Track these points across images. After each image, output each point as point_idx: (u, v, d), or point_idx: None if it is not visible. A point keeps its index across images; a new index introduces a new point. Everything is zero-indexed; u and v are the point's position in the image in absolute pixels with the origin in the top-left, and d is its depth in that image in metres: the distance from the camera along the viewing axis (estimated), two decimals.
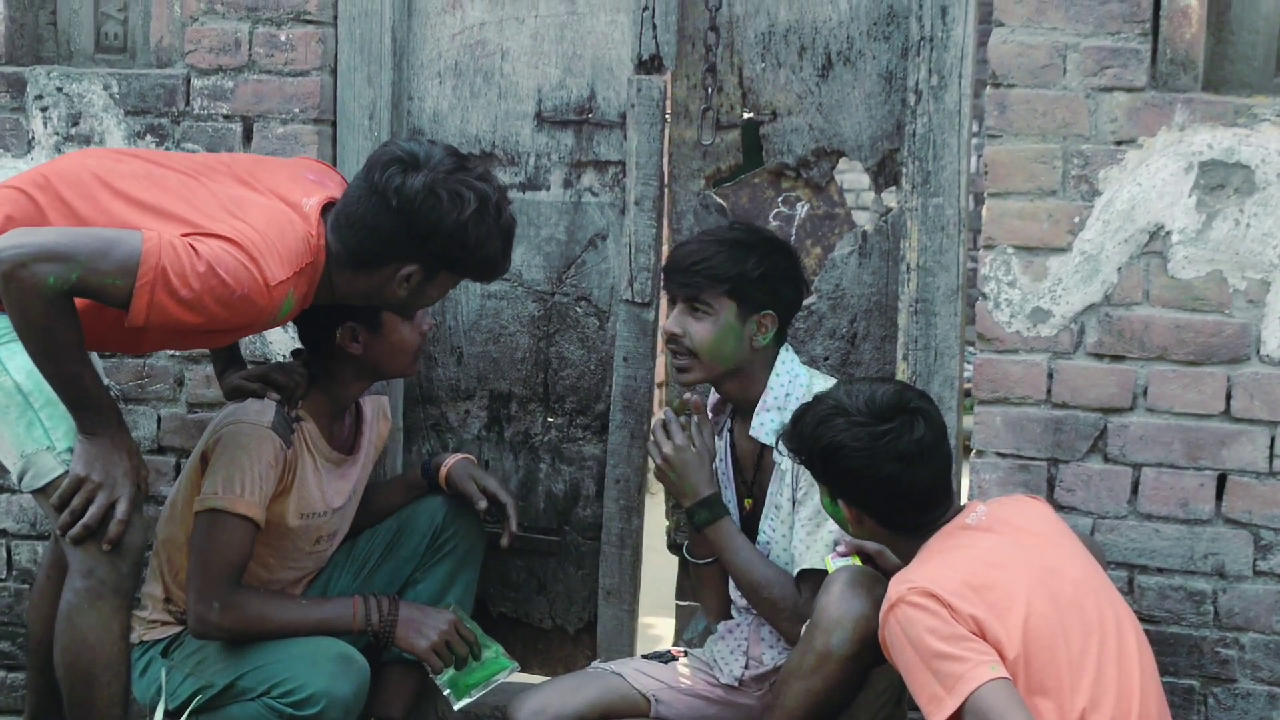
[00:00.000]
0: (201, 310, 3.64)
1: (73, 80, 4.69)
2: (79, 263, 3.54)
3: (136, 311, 3.59)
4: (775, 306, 4.23)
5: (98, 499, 3.72)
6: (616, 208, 4.71)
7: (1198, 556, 4.20)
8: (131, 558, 3.78)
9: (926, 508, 3.73)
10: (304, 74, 4.60)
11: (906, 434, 3.66)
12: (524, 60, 4.73)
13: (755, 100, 4.65)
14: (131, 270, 3.56)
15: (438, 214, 3.84)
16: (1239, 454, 4.16)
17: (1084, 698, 3.44)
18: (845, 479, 3.73)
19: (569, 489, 4.83)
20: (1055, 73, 4.18)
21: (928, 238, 4.37)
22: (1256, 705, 4.20)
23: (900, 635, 3.50)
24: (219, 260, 3.63)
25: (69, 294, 3.56)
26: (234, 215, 3.75)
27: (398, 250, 3.89)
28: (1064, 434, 4.24)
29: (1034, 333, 4.23)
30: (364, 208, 3.87)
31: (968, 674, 3.38)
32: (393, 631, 4.26)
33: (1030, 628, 3.46)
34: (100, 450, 3.74)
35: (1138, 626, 3.66)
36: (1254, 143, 4.09)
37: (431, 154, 3.89)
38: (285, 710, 4.10)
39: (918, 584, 3.49)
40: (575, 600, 4.86)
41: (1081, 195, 4.19)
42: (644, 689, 4.30)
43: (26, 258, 3.53)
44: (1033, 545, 3.64)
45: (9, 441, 3.78)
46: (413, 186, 3.82)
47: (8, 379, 3.75)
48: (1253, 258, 4.11)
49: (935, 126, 4.36)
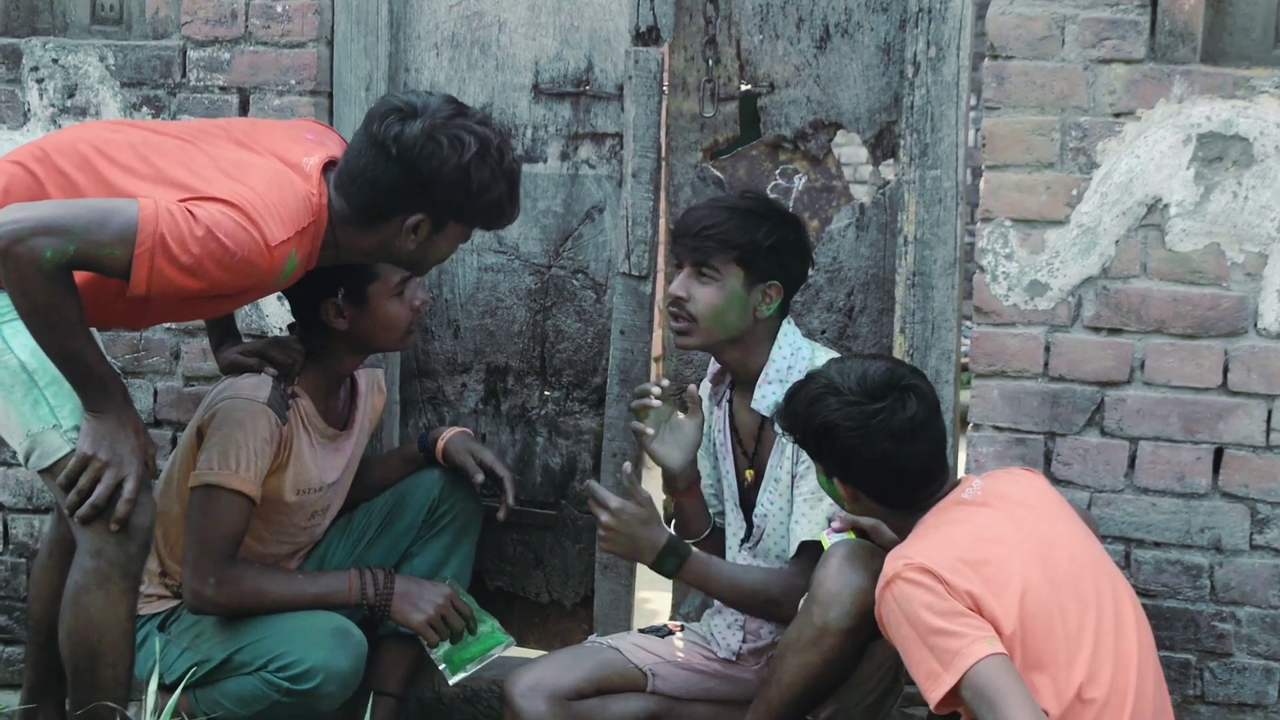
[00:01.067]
0: (202, 275, 3.61)
1: (69, 52, 4.68)
2: (75, 234, 3.51)
3: (137, 280, 3.56)
4: (782, 278, 4.19)
5: (105, 477, 3.68)
6: (614, 180, 4.70)
7: (1194, 530, 4.21)
8: (140, 538, 3.74)
9: (922, 484, 3.72)
10: (300, 45, 4.59)
11: (899, 412, 3.64)
12: (521, 32, 4.72)
13: (753, 72, 4.64)
14: (129, 239, 3.53)
15: (439, 159, 3.79)
16: (1236, 427, 4.16)
17: (1081, 672, 3.43)
18: (839, 458, 3.71)
19: (566, 462, 4.83)
20: (1053, 44, 4.17)
21: (925, 210, 4.37)
22: (1253, 680, 4.20)
23: (896, 611, 3.49)
24: (217, 224, 3.60)
25: (67, 267, 3.53)
26: (231, 177, 3.72)
27: (402, 201, 3.85)
28: (1061, 407, 4.24)
29: (1031, 306, 4.22)
30: (365, 160, 3.83)
31: (964, 650, 3.37)
32: (389, 604, 4.26)
33: (1026, 603, 3.45)
34: (107, 428, 3.70)
35: (1135, 601, 3.65)
36: (1252, 115, 4.09)
37: (429, 103, 3.84)
38: (282, 684, 4.10)
39: (914, 560, 3.48)
40: (572, 574, 4.86)
41: (1079, 168, 4.18)
42: (641, 663, 4.29)
43: (23, 233, 3.50)
44: (1028, 520, 3.63)
45: (15, 421, 3.75)
46: (411, 133, 3.78)
47: (12, 357, 3.72)
48: (1250, 230, 4.10)
49: (933, 98, 4.35)
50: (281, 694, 4.11)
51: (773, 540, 4.24)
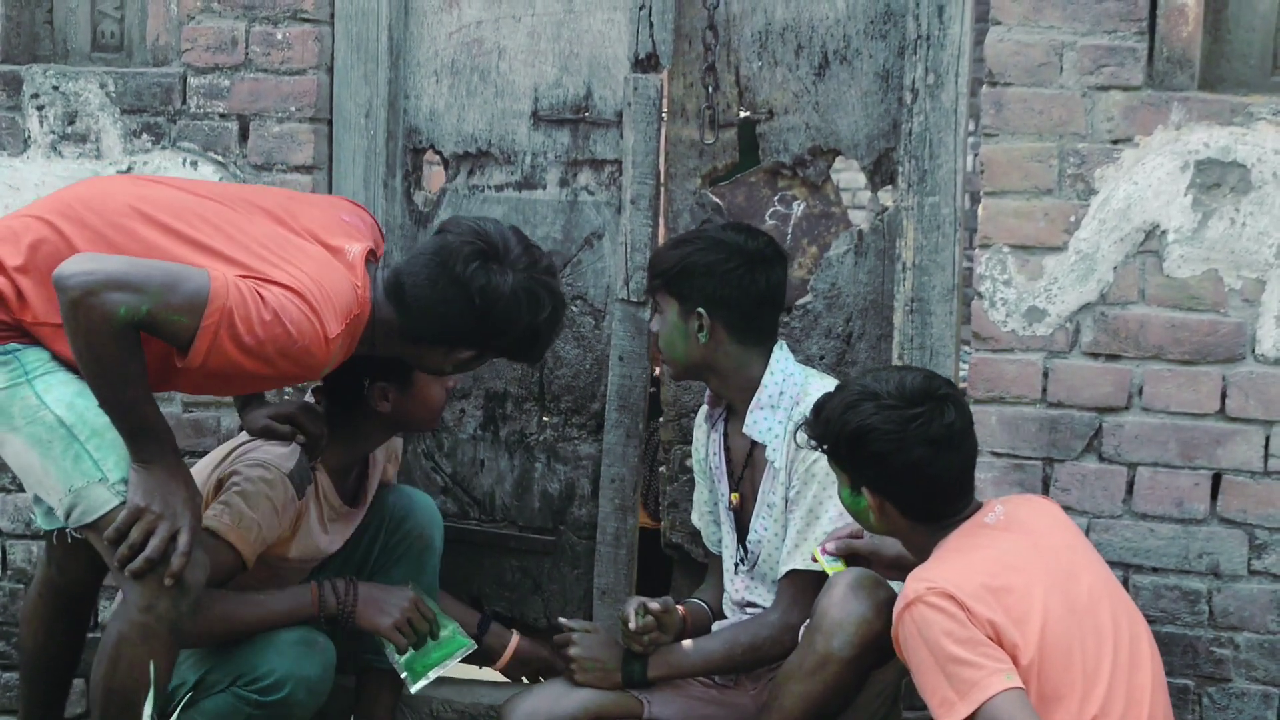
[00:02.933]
0: (262, 358, 3.58)
1: (69, 79, 4.69)
2: (149, 295, 3.47)
3: (196, 352, 3.52)
4: (703, 304, 4.18)
5: (159, 530, 3.62)
6: (613, 207, 4.71)
7: (1193, 556, 4.20)
8: (193, 595, 3.69)
9: (951, 497, 3.68)
10: (300, 72, 4.60)
11: (938, 418, 3.61)
12: (520, 59, 4.73)
13: (752, 99, 4.65)
14: (199, 309, 3.49)
15: (516, 316, 3.86)
16: (1234, 453, 4.16)
17: (1095, 706, 3.42)
18: (872, 464, 3.65)
19: (564, 488, 4.83)
20: (1052, 71, 4.18)
21: (923, 237, 4.37)
22: (1251, 705, 4.20)
23: (915, 635, 3.46)
24: (284, 309, 3.57)
25: (137, 327, 3.49)
26: (288, 260, 3.69)
27: (463, 338, 3.91)
28: (1059, 433, 4.24)
29: (1029, 332, 4.23)
30: (438, 295, 3.84)
31: (982, 682, 3.36)
32: (354, 612, 4.19)
33: (1047, 634, 3.44)
34: (158, 480, 3.64)
35: (1149, 634, 3.65)
36: (1250, 141, 4.09)
37: (508, 243, 3.88)
38: (252, 697, 4.06)
39: (936, 584, 3.46)
40: (571, 600, 4.86)
41: (1078, 194, 4.18)
42: (637, 691, 4.29)
43: (97, 285, 3.45)
44: (1049, 549, 3.62)
45: (54, 477, 3.67)
46: (500, 289, 3.82)
47: (47, 413, 3.66)
48: (1248, 257, 4.11)
49: (931, 125, 4.36)
50: (253, 707, 4.07)
51: (768, 566, 4.24)
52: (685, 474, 4.75)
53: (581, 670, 4.24)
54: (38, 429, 3.66)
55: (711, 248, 4.19)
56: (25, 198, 4.62)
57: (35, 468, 3.69)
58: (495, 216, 4.67)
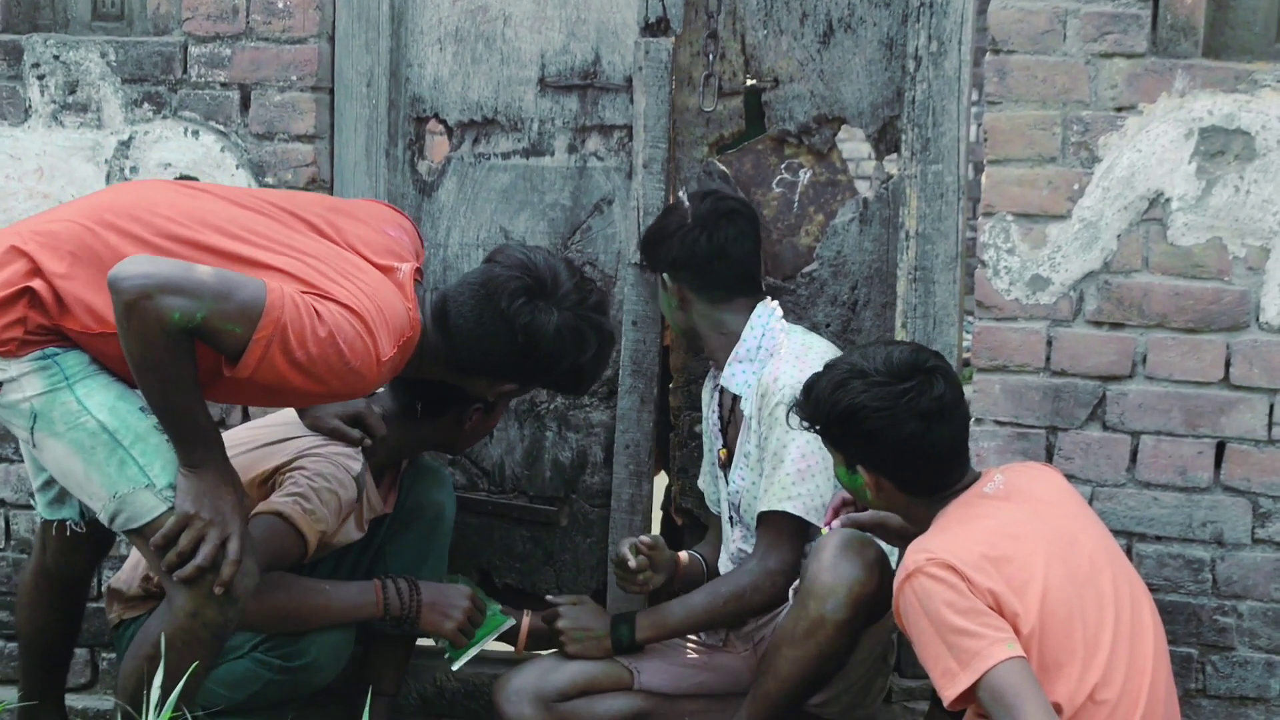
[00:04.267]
0: (311, 374, 3.55)
1: (69, 48, 4.68)
2: (204, 302, 3.43)
3: (246, 364, 3.49)
4: (667, 269, 4.37)
5: (209, 537, 3.58)
6: (622, 172, 4.70)
7: (1196, 524, 4.20)
8: (240, 605, 3.66)
9: (946, 469, 3.69)
10: (301, 41, 4.59)
11: (927, 391, 3.61)
12: (527, 25, 4.72)
13: (758, 67, 4.64)
14: (253, 319, 3.45)
15: (560, 355, 3.89)
16: (1238, 422, 4.15)
17: (1096, 674, 3.43)
18: (865, 441, 3.66)
19: (576, 456, 4.83)
20: (1055, 38, 4.16)
21: (927, 205, 4.37)
22: (1254, 673, 4.20)
23: (916, 606, 3.47)
24: (339, 328, 3.55)
25: (191, 333, 3.45)
26: (346, 277, 3.66)
27: (507, 372, 3.93)
28: (1063, 402, 4.23)
29: (1033, 300, 4.22)
30: (482, 329, 3.85)
31: (984, 651, 3.37)
32: (417, 615, 4.22)
33: (1048, 602, 3.44)
34: (206, 485, 3.60)
35: (1151, 601, 3.66)
36: (1254, 109, 4.07)
37: (558, 280, 3.88)
38: (275, 662, 4.07)
39: (936, 555, 3.46)
40: (583, 569, 4.86)
41: (1081, 162, 4.17)
42: (627, 661, 4.31)
43: (153, 289, 3.41)
44: (1050, 517, 3.63)
45: (98, 483, 3.63)
46: (544, 328, 3.84)
47: (89, 418, 3.62)
48: (1252, 224, 4.09)
49: (935, 93, 4.35)
50: (274, 672, 4.09)
51: (749, 515, 4.29)
52: (694, 439, 4.75)
53: (571, 641, 4.28)
54: (79, 434, 3.62)
55: (666, 214, 4.41)
56: (27, 167, 4.65)
57: (77, 473, 3.65)
58: (503, 183, 4.70)
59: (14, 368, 3.62)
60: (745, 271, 4.41)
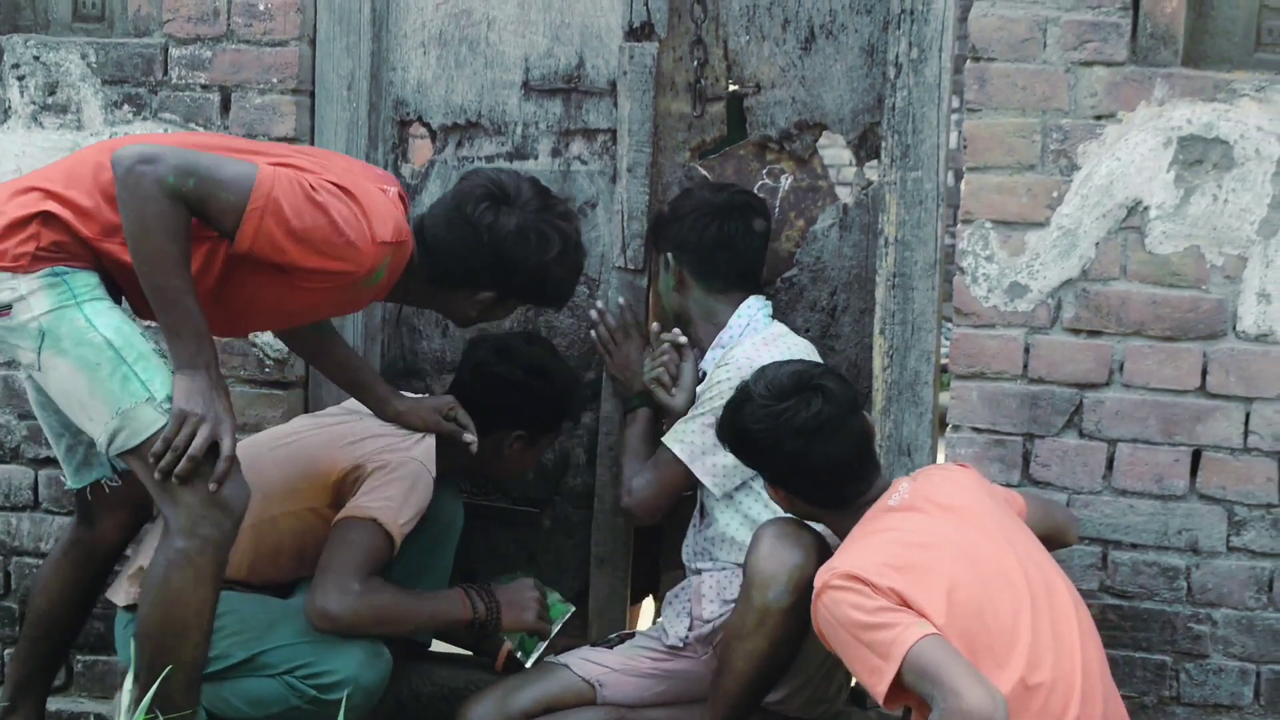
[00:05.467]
0: (308, 245, 3.68)
1: (50, 49, 4.67)
2: (197, 170, 3.58)
3: (244, 234, 3.62)
4: (672, 249, 4.45)
5: (201, 432, 3.65)
6: (606, 176, 4.71)
7: (1171, 532, 4.21)
8: (235, 516, 3.72)
9: (842, 483, 3.80)
10: (282, 44, 4.59)
11: (804, 410, 3.75)
12: (511, 29, 4.73)
13: (740, 73, 4.65)
14: (244, 189, 3.61)
15: (524, 253, 4.02)
16: (1214, 430, 4.17)
17: (1020, 661, 3.47)
18: (760, 460, 3.87)
19: (559, 458, 4.82)
20: (1035, 47, 4.17)
21: (906, 212, 4.37)
22: (1228, 681, 4.21)
23: (830, 618, 3.55)
24: (330, 202, 3.70)
25: (184, 199, 3.58)
26: (334, 172, 3.82)
27: (480, 278, 4.07)
28: (1040, 409, 4.24)
29: (1011, 307, 4.23)
30: (453, 236, 4.02)
31: (899, 637, 3.42)
32: (499, 617, 4.30)
33: (955, 599, 3.49)
34: (200, 385, 3.68)
35: (1070, 584, 3.69)
36: (1233, 118, 4.09)
37: (520, 189, 4.04)
38: (308, 691, 4.07)
39: (839, 568, 3.55)
40: (566, 570, 4.85)
41: (1060, 170, 4.18)
42: (588, 676, 4.34)
43: (149, 156, 3.57)
44: (955, 520, 3.68)
45: (101, 400, 3.69)
46: (505, 227, 3.99)
47: (96, 334, 3.69)
48: (1230, 233, 4.10)
49: (915, 100, 4.35)
50: (306, 701, 4.08)
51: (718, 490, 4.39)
52: None
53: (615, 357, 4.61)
54: (86, 351, 3.69)
55: (682, 198, 4.50)
56: (5, 168, 4.64)
57: (81, 391, 3.71)
58: None
59: (24, 284, 3.70)
60: (747, 267, 4.49)
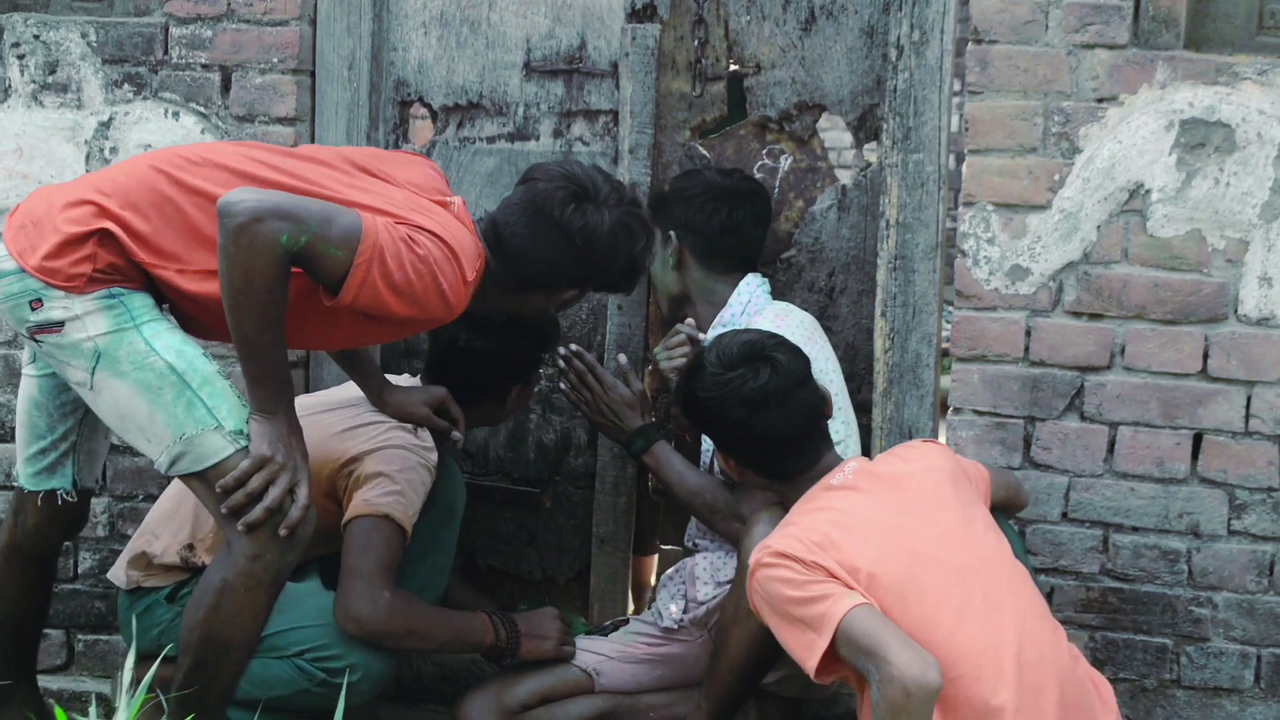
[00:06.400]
0: (408, 297, 3.63)
1: (50, 28, 4.66)
2: (309, 227, 3.51)
3: (349, 288, 3.57)
4: (675, 228, 4.44)
5: (280, 481, 3.62)
6: (608, 156, 4.69)
7: (1173, 515, 4.22)
8: (300, 549, 3.70)
9: (785, 455, 3.83)
10: (283, 23, 4.58)
11: (751, 380, 3.78)
12: (512, 10, 4.72)
13: (740, 53, 4.64)
14: (353, 244, 3.54)
15: (616, 250, 3.98)
16: (1215, 413, 4.17)
17: (938, 651, 3.41)
18: (708, 428, 3.96)
19: (560, 439, 4.82)
20: (1037, 29, 4.17)
21: (907, 194, 4.37)
22: (1229, 664, 4.22)
23: (763, 599, 3.57)
24: (429, 251, 3.64)
25: (294, 258, 3.52)
26: (418, 212, 3.75)
27: (569, 279, 4.01)
28: (1041, 392, 4.24)
29: (1012, 290, 4.23)
30: (539, 240, 3.93)
31: (830, 609, 3.43)
32: (518, 646, 4.28)
33: (878, 580, 3.49)
34: (279, 430, 3.65)
35: (1019, 568, 3.64)
36: (1235, 101, 4.08)
37: (596, 183, 3.98)
38: (318, 674, 4.05)
39: (771, 546, 3.56)
40: (566, 550, 4.86)
41: (1062, 152, 4.18)
42: (585, 665, 4.34)
43: (263, 213, 3.48)
44: (895, 501, 3.67)
45: (162, 424, 3.64)
46: (599, 227, 3.93)
47: (157, 359, 3.64)
48: (1232, 217, 4.10)
49: (916, 82, 4.35)
50: (314, 684, 4.06)
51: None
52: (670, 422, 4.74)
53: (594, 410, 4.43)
54: (147, 375, 3.64)
55: (688, 177, 4.49)
56: (5, 147, 4.64)
57: (140, 414, 3.66)
58: (488, 167, 4.70)
59: (78, 305, 3.65)
60: (749, 253, 4.51)
